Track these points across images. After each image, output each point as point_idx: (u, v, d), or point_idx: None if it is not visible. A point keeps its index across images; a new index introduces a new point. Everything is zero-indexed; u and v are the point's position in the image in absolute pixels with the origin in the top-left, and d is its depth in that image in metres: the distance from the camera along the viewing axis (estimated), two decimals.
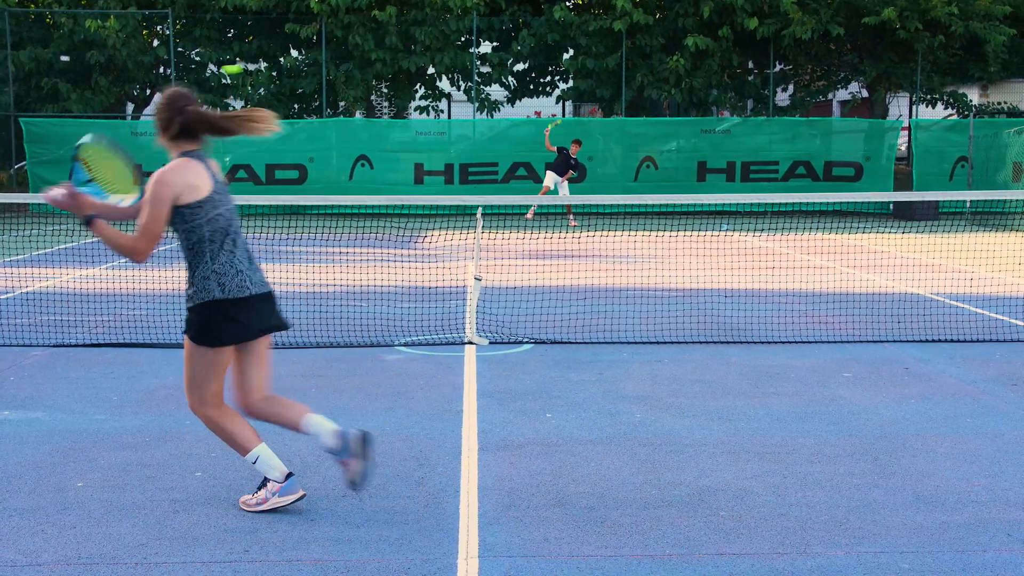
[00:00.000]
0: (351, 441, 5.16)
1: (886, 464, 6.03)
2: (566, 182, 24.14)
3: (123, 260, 5.82)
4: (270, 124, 5.26)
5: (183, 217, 5.07)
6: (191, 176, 5.07)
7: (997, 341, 9.80)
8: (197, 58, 30.04)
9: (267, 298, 5.32)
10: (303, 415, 5.28)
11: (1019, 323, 10.71)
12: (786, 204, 26.25)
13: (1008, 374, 8.42)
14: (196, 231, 5.09)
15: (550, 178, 24.11)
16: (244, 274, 5.17)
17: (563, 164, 24.06)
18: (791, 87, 31.54)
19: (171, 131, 5.15)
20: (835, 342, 9.75)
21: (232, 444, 5.27)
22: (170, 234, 5.18)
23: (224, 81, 29.70)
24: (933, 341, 9.71)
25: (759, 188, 27.71)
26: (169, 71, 29.33)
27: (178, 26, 29.16)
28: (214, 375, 5.20)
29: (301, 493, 5.26)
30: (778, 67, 30.42)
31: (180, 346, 9.39)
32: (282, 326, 5.45)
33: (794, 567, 4.58)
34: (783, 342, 9.76)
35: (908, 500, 5.43)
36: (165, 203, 5.02)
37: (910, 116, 31.85)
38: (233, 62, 29.72)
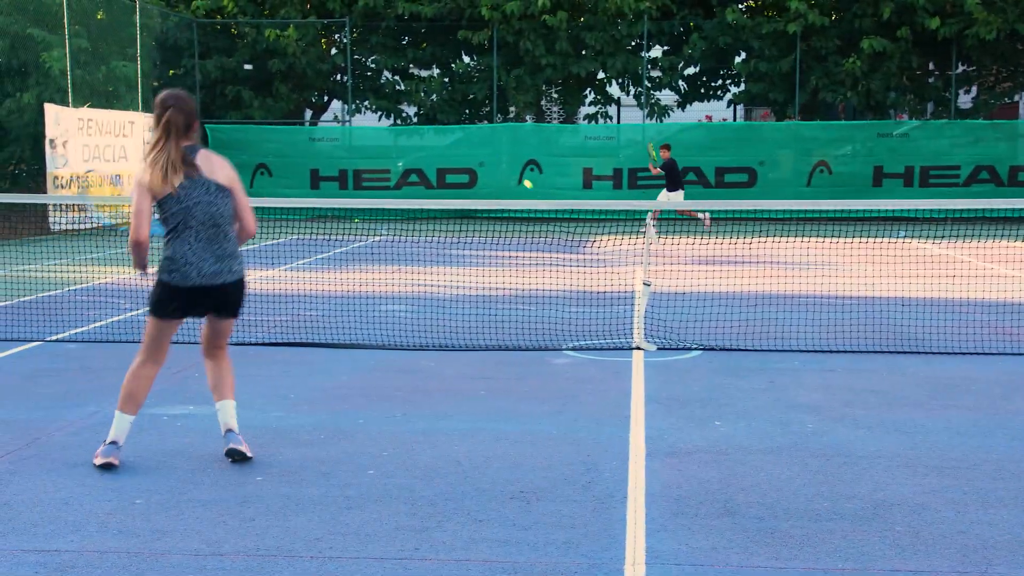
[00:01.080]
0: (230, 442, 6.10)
1: None
2: (680, 191, 22.65)
3: (301, 262, 6.02)
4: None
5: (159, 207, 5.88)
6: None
7: None
8: (373, 65, 30.76)
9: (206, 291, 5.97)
10: (222, 396, 6.24)
11: None
12: (968, 210, 25.33)
13: None
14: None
15: (664, 196, 22.26)
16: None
17: (672, 177, 22.56)
18: (974, 89, 30.48)
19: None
20: (1019, 354, 9.38)
21: (122, 395, 6.04)
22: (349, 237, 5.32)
23: (398, 88, 30.30)
24: None
25: (939, 193, 26.86)
26: (346, 78, 30.10)
27: (354, 34, 29.90)
28: (152, 337, 6.16)
29: (110, 461, 5.91)
30: (960, 68, 29.42)
31: (352, 346, 9.67)
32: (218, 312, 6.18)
33: None
34: (964, 353, 9.43)
35: None
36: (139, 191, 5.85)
37: None
38: (407, 69, 30.34)
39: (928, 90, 29.61)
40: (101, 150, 23.89)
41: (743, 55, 29.57)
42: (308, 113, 32.89)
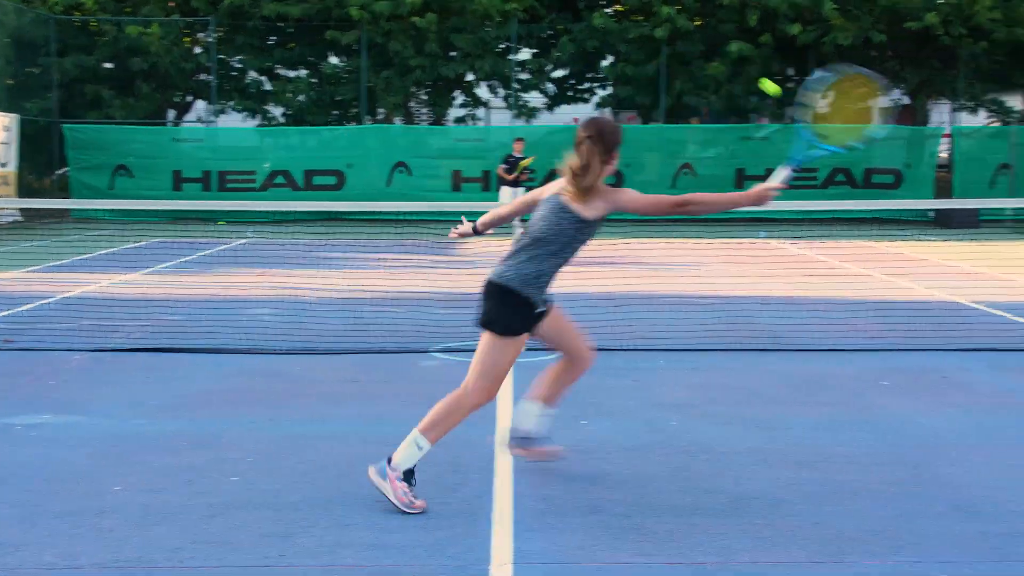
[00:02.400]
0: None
1: (924, 473, 5.98)
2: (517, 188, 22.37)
3: (163, 266, 5.88)
4: None
5: None
6: None
7: None
8: (238, 65, 30.30)
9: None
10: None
11: None
12: (825, 211, 26.10)
13: None
14: None
15: (506, 194, 22.26)
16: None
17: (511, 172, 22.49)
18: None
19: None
20: (874, 350, 9.68)
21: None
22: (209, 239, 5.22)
23: (264, 88, 29.88)
24: (973, 350, 9.62)
25: (797, 195, 27.49)
26: (211, 78, 29.58)
27: (219, 33, 29.41)
28: None
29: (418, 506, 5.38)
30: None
31: (216, 351, 9.50)
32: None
33: None
34: (821, 350, 9.69)
35: (945, 510, 5.38)
36: None
37: (951, 123, 31.59)
38: (273, 69, 29.94)
39: (787, 95, 30.33)
40: None
41: (610, 59, 29.92)
42: (171, 113, 32.22)
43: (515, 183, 22.35)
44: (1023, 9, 26.83)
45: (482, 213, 6.36)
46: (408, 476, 5.36)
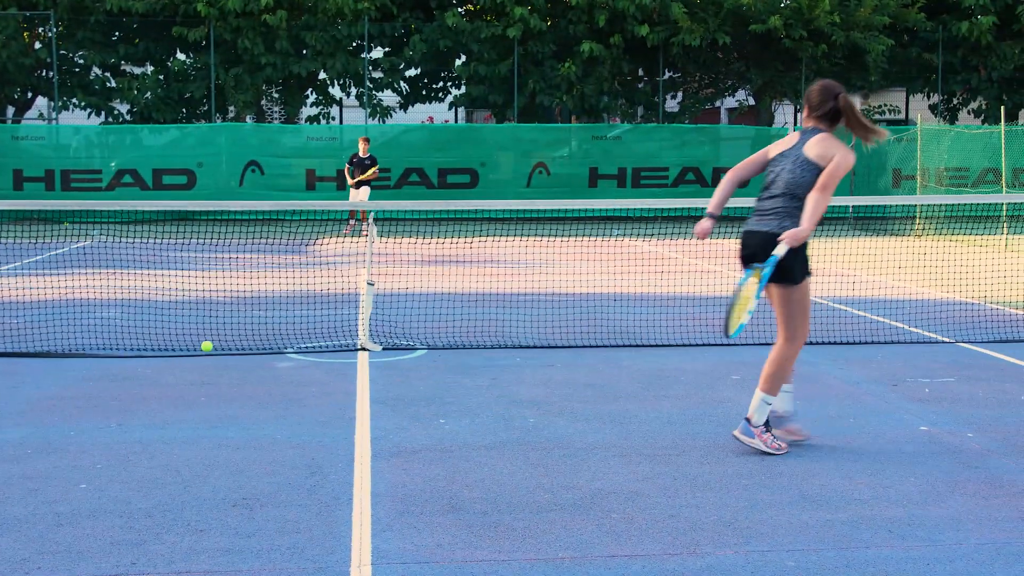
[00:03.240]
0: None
1: (772, 464, 6.14)
2: (365, 188, 23.04)
3: (5, 268, 5.69)
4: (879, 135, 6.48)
5: None
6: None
7: (878, 343, 10.07)
8: (81, 60, 29.40)
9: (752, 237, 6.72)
10: (759, 385, 6.43)
11: (900, 325, 11.01)
12: (676, 209, 26.57)
13: (889, 375, 8.65)
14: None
15: (355, 194, 22.88)
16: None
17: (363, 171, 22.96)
18: (680, 94, 32.02)
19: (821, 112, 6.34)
20: (724, 345, 9.89)
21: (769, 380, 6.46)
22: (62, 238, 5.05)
23: (109, 85, 29.09)
24: (817, 344, 9.91)
25: (649, 193, 28.05)
26: (52, 74, 28.63)
27: (60, 28, 28.49)
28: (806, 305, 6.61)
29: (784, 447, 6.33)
30: (667, 75, 30.86)
31: (59, 355, 9.21)
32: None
33: (684, 567, 4.64)
34: (673, 345, 9.89)
35: (794, 499, 5.54)
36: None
37: (795, 123, 32.56)
38: (119, 65, 29.16)
39: (638, 95, 30.89)
40: None
41: (463, 58, 29.98)
42: (11, 110, 31.09)
43: (358, 184, 22.55)
44: (860, 14, 27.79)
45: (335, 212, 6.29)
46: (767, 427, 6.34)
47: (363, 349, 9.54)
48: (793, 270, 6.32)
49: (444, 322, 10.84)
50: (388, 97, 31.35)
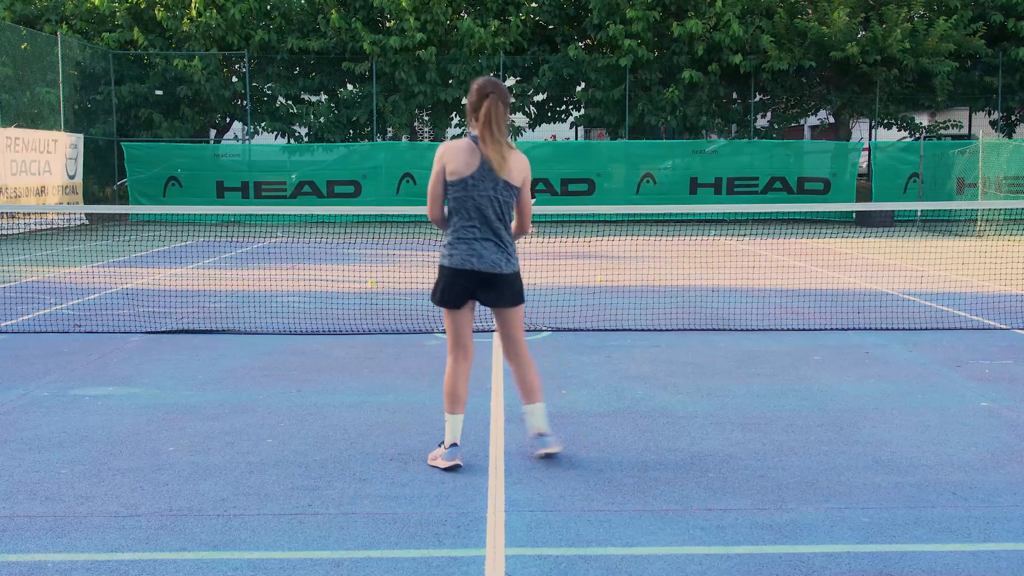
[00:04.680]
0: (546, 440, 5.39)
1: (849, 433, 5.99)
2: None
3: (208, 261, 5.86)
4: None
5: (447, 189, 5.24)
6: (454, 153, 5.19)
7: (944, 329, 9.73)
8: (268, 92, 30.15)
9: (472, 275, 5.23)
10: (530, 400, 5.40)
11: (962, 314, 10.62)
12: (764, 213, 26.15)
13: (953, 357, 8.35)
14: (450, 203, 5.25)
15: None
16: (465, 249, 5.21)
17: None
18: (769, 114, 31.39)
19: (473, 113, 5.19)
20: (806, 330, 9.69)
21: (445, 395, 5.40)
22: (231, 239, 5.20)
23: (291, 111, 29.79)
24: (890, 329, 9.64)
25: (742, 200, 27.59)
26: (246, 103, 29.45)
27: (252, 65, 29.26)
28: (448, 328, 5.42)
29: (455, 463, 5.24)
30: (758, 97, 30.27)
31: (253, 332, 9.47)
32: (491, 304, 5.33)
33: (771, 520, 4.55)
34: (762, 330, 9.71)
35: (868, 464, 5.39)
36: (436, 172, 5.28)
37: (870, 138, 31.65)
38: (299, 95, 29.81)
39: (732, 115, 30.37)
40: (27, 165, 22.89)
41: (583, 85, 29.86)
42: (212, 132, 32.06)
43: None
44: (928, 42, 26.84)
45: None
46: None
47: (497, 331, 9.56)
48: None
49: (566, 308, 10.82)
50: (519, 118, 31.42)
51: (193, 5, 27.98)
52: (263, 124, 29.77)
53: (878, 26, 26.95)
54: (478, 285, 5.25)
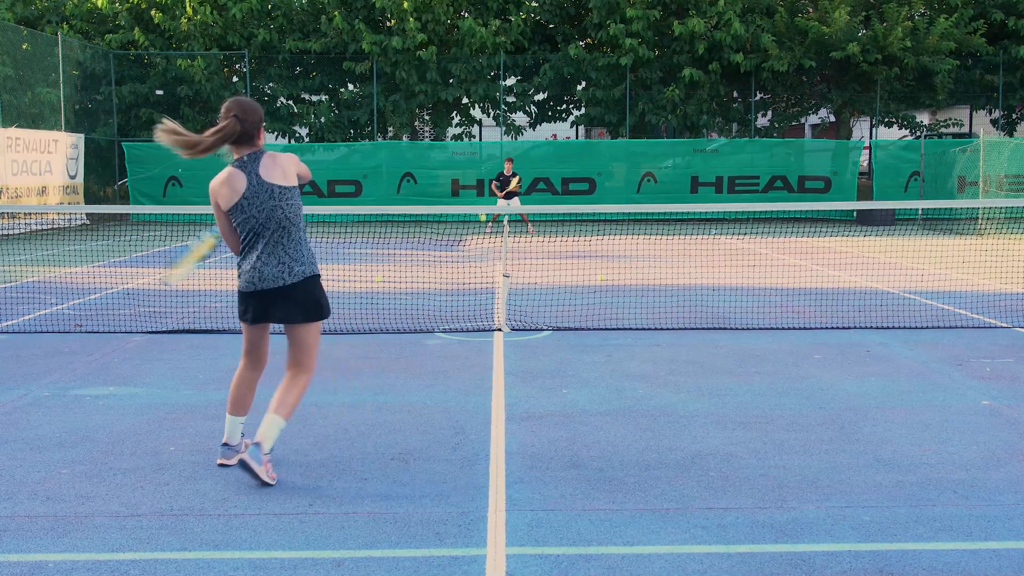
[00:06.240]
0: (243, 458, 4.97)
1: (850, 432, 5.99)
2: (516, 198, 22.60)
3: (208, 260, 5.88)
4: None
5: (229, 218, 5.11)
6: (222, 185, 5.11)
7: (945, 327, 9.72)
8: (269, 92, 30.15)
9: (272, 294, 5.04)
10: (277, 411, 5.06)
11: (963, 312, 10.62)
12: (765, 212, 26.13)
13: (954, 356, 8.35)
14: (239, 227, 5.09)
15: (502, 204, 22.07)
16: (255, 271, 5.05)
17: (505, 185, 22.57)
18: (769, 113, 31.37)
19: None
20: (807, 329, 9.69)
21: (229, 399, 5.36)
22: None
23: (292, 111, 29.78)
24: (890, 328, 9.64)
25: (742, 198, 27.58)
26: None
27: (252, 65, 29.26)
28: (244, 341, 5.31)
29: (230, 462, 5.27)
30: (758, 96, 30.25)
31: None
32: (284, 319, 5.10)
33: (772, 519, 4.55)
34: (763, 328, 9.70)
35: (869, 462, 5.38)
36: (215, 209, 5.17)
37: (870, 137, 31.63)
38: (299, 95, 29.79)
39: (733, 113, 30.35)
40: (28, 165, 22.90)
41: (583, 84, 29.85)
42: None
43: (507, 196, 22.46)
44: (929, 41, 26.82)
45: (476, 216, 6.28)
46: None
47: (499, 330, 9.58)
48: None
49: (567, 307, 10.82)
50: (520, 118, 31.40)
51: (188, 4, 27.95)
52: (264, 125, 29.75)
53: (879, 25, 26.93)
54: (271, 303, 5.07)
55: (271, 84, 29.73)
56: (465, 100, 29.94)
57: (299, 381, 5.17)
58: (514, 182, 22.58)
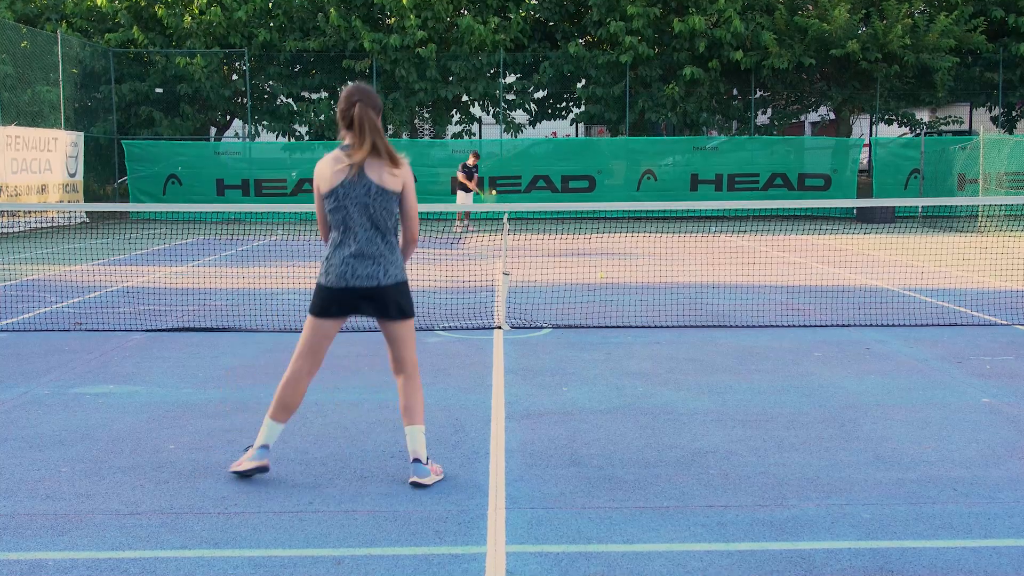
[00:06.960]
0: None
1: (850, 430, 5.99)
2: (469, 195, 22.29)
3: (208, 259, 5.83)
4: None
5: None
6: (327, 165, 4.98)
7: (944, 325, 9.72)
8: (269, 90, 30.13)
9: (353, 292, 4.94)
10: (411, 421, 5.01)
11: (963, 310, 10.62)
12: (765, 210, 26.12)
13: (953, 353, 8.35)
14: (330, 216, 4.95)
15: (461, 197, 22.16)
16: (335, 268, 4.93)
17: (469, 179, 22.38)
18: (769, 110, 31.34)
19: (343, 121, 4.96)
20: (807, 326, 9.69)
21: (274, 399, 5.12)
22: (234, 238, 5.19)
23: (291, 110, 29.75)
24: (890, 325, 9.64)
25: (742, 196, 27.57)
26: (246, 101, 29.43)
27: (252, 63, 29.24)
28: (306, 338, 5.11)
29: (258, 464, 5.04)
30: (758, 93, 30.23)
31: (253, 330, 9.47)
32: (377, 315, 5.00)
33: (772, 517, 4.55)
34: (763, 326, 9.70)
35: (869, 460, 5.38)
36: (315, 190, 5.06)
37: (870, 134, 31.60)
38: (299, 93, 29.76)
39: (733, 111, 30.32)
40: (28, 163, 22.89)
41: (583, 82, 29.83)
42: (213, 130, 32.04)
43: (467, 189, 22.22)
44: (928, 38, 26.81)
45: (475, 213, 6.27)
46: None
47: (498, 328, 9.58)
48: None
49: (566, 305, 10.82)
50: (519, 115, 31.37)
51: (196, 2, 27.95)
52: (263, 123, 29.73)
53: (878, 22, 26.90)
54: (360, 301, 4.96)
55: (271, 82, 29.71)
56: (465, 98, 29.92)
57: (413, 384, 5.08)
58: (475, 179, 22.40)
